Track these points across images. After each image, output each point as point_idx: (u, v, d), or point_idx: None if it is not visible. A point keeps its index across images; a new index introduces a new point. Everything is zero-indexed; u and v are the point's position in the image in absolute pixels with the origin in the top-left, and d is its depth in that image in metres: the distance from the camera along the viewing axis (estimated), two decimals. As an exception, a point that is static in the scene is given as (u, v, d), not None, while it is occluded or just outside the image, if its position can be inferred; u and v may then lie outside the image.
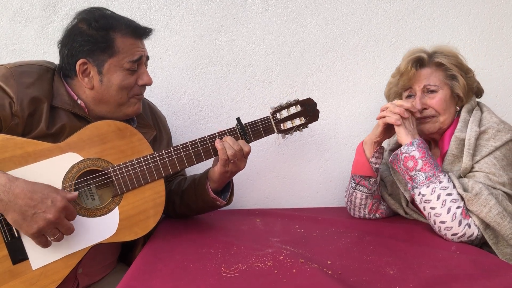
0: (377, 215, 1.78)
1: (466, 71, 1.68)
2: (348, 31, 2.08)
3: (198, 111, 2.05)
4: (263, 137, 1.63)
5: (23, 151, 1.32)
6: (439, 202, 1.47)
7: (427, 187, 1.49)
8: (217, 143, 1.52)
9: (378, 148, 1.68)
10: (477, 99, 1.77)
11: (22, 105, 1.37)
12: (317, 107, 1.70)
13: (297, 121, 1.66)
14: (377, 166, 1.69)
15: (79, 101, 1.50)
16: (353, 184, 1.74)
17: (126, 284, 1.14)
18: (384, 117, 1.60)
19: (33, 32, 1.93)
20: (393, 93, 1.81)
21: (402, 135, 1.57)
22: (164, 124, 1.81)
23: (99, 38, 1.44)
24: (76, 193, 1.33)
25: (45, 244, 1.27)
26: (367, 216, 1.78)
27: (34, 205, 1.22)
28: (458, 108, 1.68)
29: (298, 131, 1.68)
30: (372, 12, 2.07)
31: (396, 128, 1.59)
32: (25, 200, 1.22)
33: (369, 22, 2.08)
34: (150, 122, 1.70)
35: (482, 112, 1.67)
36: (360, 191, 1.73)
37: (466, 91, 1.65)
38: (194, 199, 1.65)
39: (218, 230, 1.62)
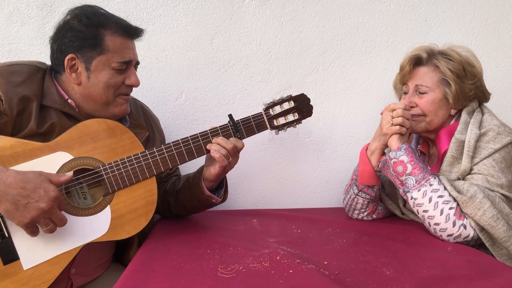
0: (374, 216, 1.79)
1: (466, 78, 1.65)
2: (345, 31, 2.08)
3: (195, 112, 2.05)
4: (256, 133, 1.61)
5: (12, 151, 1.32)
6: (431, 204, 1.48)
7: (418, 190, 1.50)
8: (214, 153, 1.50)
9: (383, 155, 1.67)
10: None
11: (10, 104, 1.37)
12: (311, 103, 1.67)
13: (291, 117, 1.65)
14: (380, 173, 1.69)
15: (69, 100, 1.49)
16: (355, 191, 1.73)
17: (122, 284, 1.13)
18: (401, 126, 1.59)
19: (29, 32, 1.92)
20: (399, 84, 1.81)
21: (391, 141, 1.59)
22: (157, 125, 1.81)
23: (88, 34, 1.44)
24: (71, 173, 1.33)
25: (35, 234, 1.27)
26: (365, 218, 1.78)
27: (27, 195, 1.22)
28: (453, 111, 1.67)
29: (292, 127, 1.67)
30: (369, 13, 2.08)
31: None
32: (18, 190, 1.21)
33: (366, 23, 2.08)
34: (143, 123, 1.69)
35: (483, 114, 1.66)
36: (362, 197, 1.72)
37: (456, 98, 1.64)
38: (189, 198, 1.65)
39: (214, 231, 1.62)
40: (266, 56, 2.06)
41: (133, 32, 1.52)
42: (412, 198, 1.52)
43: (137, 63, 1.57)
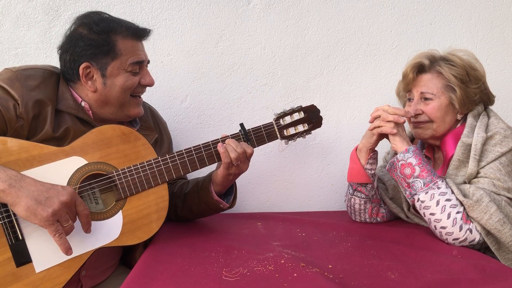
0: (378, 219, 1.78)
1: (471, 82, 1.64)
2: (350, 35, 2.08)
3: (200, 115, 2.05)
4: (266, 143, 1.64)
5: (28, 154, 1.34)
6: (439, 207, 1.47)
7: (426, 193, 1.49)
8: (219, 147, 1.53)
9: (372, 154, 1.68)
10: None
11: (26, 107, 1.39)
12: (320, 114, 1.70)
13: (300, 128, 1.68)
14: (372, 172, 1.68)
15: (83, 103, 1.51)
16: (351, 191, 1.74)
17: (127, 287, 1.14)
18: (379, 126, 1.59)
19: (35, 36, 1.94)
20: (402, 92, 1.81)
21: (398, 142, 1.57)
22: (165, 128, 1.83)
23: (101, 41, 1.46)
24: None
25: (58, 231, 1.25)
26: (368, 220, 1.78)
27: (46, 190, 1.25)
28: (459, 116, 1.67)
29: (301, 138, 1.69)
30: (373, 16, 2.08)
31: (390, 136, 1.59)
32: (37, 187, 1.25)
33: (371, 26, 2.08)
34: (152, 125, 1.71)
35: (489, 117, 1.66)
36: (358, 197, 1.73)
37: (462, 103, 1.63)
38: (197, 202, 1.66)
39: (219, 234, 1.63)
40: (270, 60, 2.06)
41: (142, 33, 1.55)
42: (419, 200, 1.51)
43: (148, 61, 1.60)
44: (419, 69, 1.68)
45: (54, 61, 1.56)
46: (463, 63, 1.65)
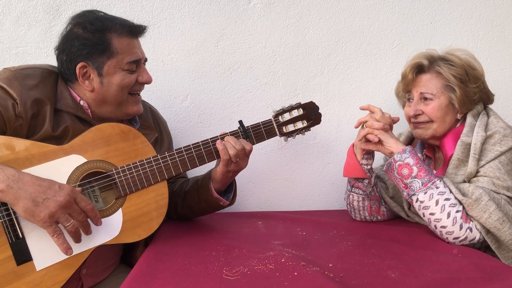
0: (379, 217, 1.78)
1: (470, 82, 1.64)
2: (350, 34, 2.08)
3: (200, 114, 2.06)
4: (265, 139, 1.64)
5: (28, 153, 1.34)
6: (438, 207, 1.47)
7: (425, 193, 1.49)
8: (218, 144, 1.53)
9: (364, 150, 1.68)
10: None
11: (25, 107, 1.39)
12: (319, 111, 1.71)
13: (300, 124, 1.68)
14: (368, 167, 1.68)
15: (81, 102, 1.51)
16: (349, 187, 1.76)
17: (128, 286, 1.14)
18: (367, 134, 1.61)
19: (36, 35, 1.94)
20: (401, 92, 1.81)
21: (392, 144, 1.57)
22: (165, 127, 1.83)
23: (95, 40, 1.46)
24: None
25: (57, 232, 1.26)
26: (368, 218, 1.78)
27: (44, 191, 1.24)
28: (458, 116, 1.67)
29: (300, 134, 1.69)
30: (374, 15, 2.08)
31: (384, 140, 1.59)
32: (35, 187, 1.24)
33: (371, 25, 2.08)
34: (152, 124, 1.71)
35: (488, 116, 1.66)
36: (356, 193, 1.73)
37: (462, 103, 1.64)
38: (197, 200, 1.66)
39: (220, 233, 1.63)
40: (271, 59, 2.06)
41: (137, 30, 1.54)
42: (418, 200, 1.51)
43: (145, 60, 1.59)
44: (419, 69, 1.68)
45: (54, 60, 1.56)
46: (462, 62, 1.65)
